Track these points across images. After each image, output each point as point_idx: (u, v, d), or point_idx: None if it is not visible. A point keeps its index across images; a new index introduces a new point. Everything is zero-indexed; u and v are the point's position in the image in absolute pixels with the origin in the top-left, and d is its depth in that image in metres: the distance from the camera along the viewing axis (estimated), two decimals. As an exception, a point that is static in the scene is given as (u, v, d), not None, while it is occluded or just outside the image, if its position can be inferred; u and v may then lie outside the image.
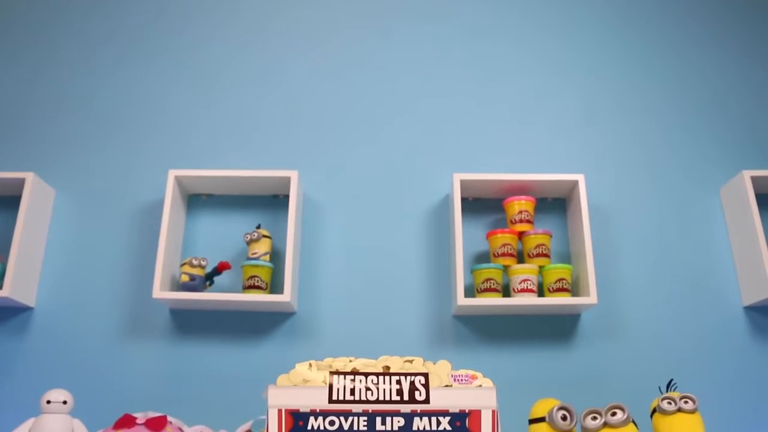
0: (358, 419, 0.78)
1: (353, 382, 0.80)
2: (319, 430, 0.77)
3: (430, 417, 0.78)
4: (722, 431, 1.83)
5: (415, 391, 0.79)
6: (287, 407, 0.78)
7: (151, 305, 1.99)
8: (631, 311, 2.02)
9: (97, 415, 1.73)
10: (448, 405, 0.79)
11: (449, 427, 0.78)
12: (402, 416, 0.78)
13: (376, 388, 0.79)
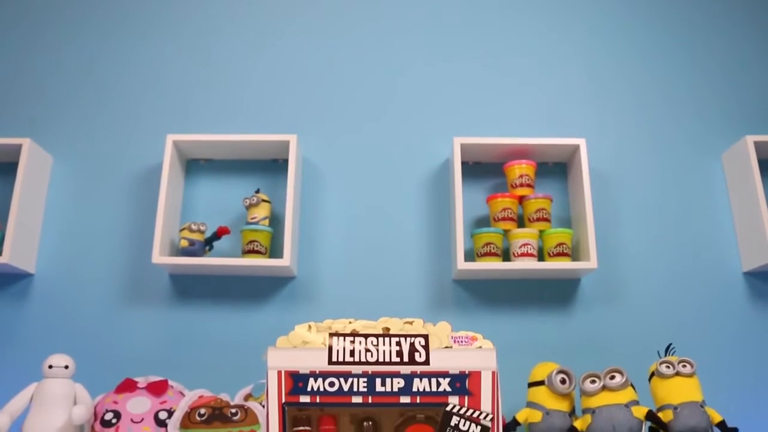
0: (357, 380, 0.78)
1: (353, 343, 0.79)
2: (319, 391, 0.77)
3: (430, 378, 0.78)
4: (720, 395, 1.84)
5: (415, 352, 0.79)
6: (287, 369, 0.78)
7: (150, 270, 1.99)
8: (631, 276, 2.02)
9: (99, 380, 1.73)
10: (448, 366, 0.78)
11: (449, 388, 0.77)
12: (402, 377, 0.78)
13: (376, 350, 0.79)
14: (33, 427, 1.60)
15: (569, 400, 1.69)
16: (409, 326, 0.81)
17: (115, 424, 1.60)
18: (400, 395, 0.78)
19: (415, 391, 0.77)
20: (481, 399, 0.78)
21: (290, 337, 0.80)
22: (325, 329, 0.81)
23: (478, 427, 0.77)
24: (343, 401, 0.78)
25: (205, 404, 1.61)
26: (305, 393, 0.77)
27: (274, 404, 0.76)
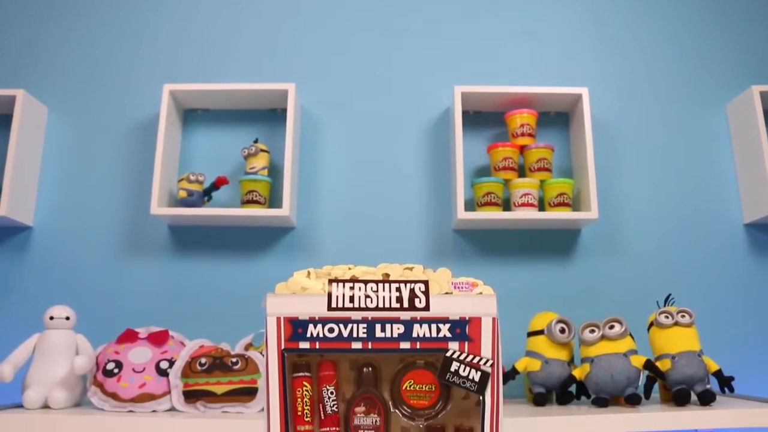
0: (357, 326, 0.77)
1: (352, 290, 0.79)
2: (318, 337, 0.77)
3: (430, 324, 0.77)
4: (718, 346, 1.85)
5: (415, 298, 0.78)
6: (286, 315, 0.77)
7: (149, 222, 1.98)
8: (632, 227, 2.01)
9: (100, 331, 1.74)
10: (448, 312, 0.78)
11: (449, 334, 0.77)
12: (402, 323, 0.77)
13: (376, 296, 0.78)
14: (36, 377, 1.61)
15: (568, 350, 1.70)
16: (409, 272, 0.81)
17: (117, 373, 1.60)
18: (399, 341, 0.77)
19: (415, 337, 0.77)
20: (481, 345, 0.78)
21: (289, 284, 0.79)
22: (324, 275, 0.80)
23: (478, 372, 0.76)
24: (343, 347, 0.77)
25: (205, 354, 1.62)
26: (304, 339, 0.77)
27: (273, 351, 0.76)
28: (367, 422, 0.80)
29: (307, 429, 0.79)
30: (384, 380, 0.83)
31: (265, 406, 0.74)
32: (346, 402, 0.82)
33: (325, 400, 0.80)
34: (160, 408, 1.58)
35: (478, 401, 0.78)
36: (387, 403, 0.82)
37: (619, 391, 1.59)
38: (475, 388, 0.78)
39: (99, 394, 1.59)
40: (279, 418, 0.77)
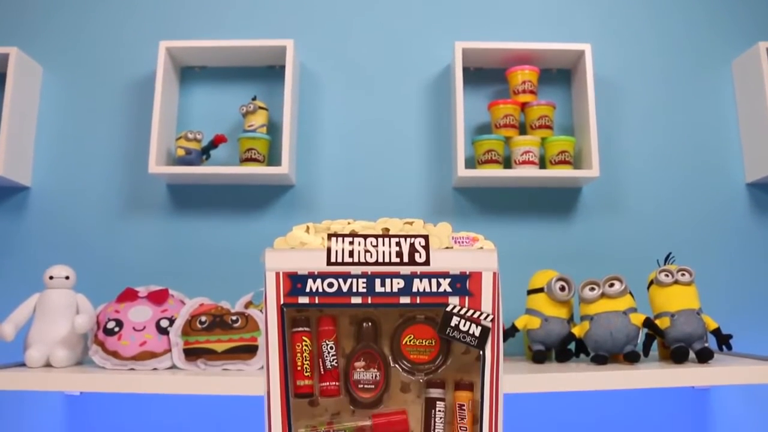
0: (357, 281, 0.76)
1: (352, 244, 0.78)
2: (318, 292, 0.76)
3: (430, 279, 0.76)
4: (717, 304, 1.85)
5: (415, 253, 0.77)
6: (285, 270, 0.77)
7: (148, 181, 1.97)
8: (633, 185, 2.00)
9: (100, 291, 1.75)
10: (448, 267, 0.77)
11: (450, 289, 0.76)
12: (402, 278, 0.77)
13: (375, 251, 0.77)
14: (38, 336, 1.62)
15: (568, 307, 1.71)
16: (409, 227, 0.80)
17: (117, 332, 1.61)
18: (399, 296, 0.77)
19: (415, 292, 0.76)
20: (481, 300, 0.77)
21: (288, 239, 0.78)
22: (323, 230, 0.79)
23: (479, 327, 0.76)
24: (342, 302, 0.77)
25: (205, 312, 1.62)
26: (304, 294, 0.76)
27: (273, 306, 0.75)
28: (366, 377, 0.80)
29: (306, 384, 0.79)
30: (384, 335, 0.83)
31: (264, 362, 0.74)
32: (345, 357, 0.81)
33: (324, 355, 0.80)
34: (161, 366, 1.59)
35: (479, 356, 0.78)
36: (387, 358, 0.82)
37: (618, 349, 1.60)
38: (475, 343, 0.78)
39: (100, 352, 1.60)
40: (278, 373, 0.77)
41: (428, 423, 0.81)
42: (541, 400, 1.87)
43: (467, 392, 0.81)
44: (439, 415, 0.81)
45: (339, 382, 0.81)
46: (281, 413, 0.77)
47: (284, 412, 0.76)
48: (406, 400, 0.82)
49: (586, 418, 1.89)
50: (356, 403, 0.81)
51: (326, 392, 0.80)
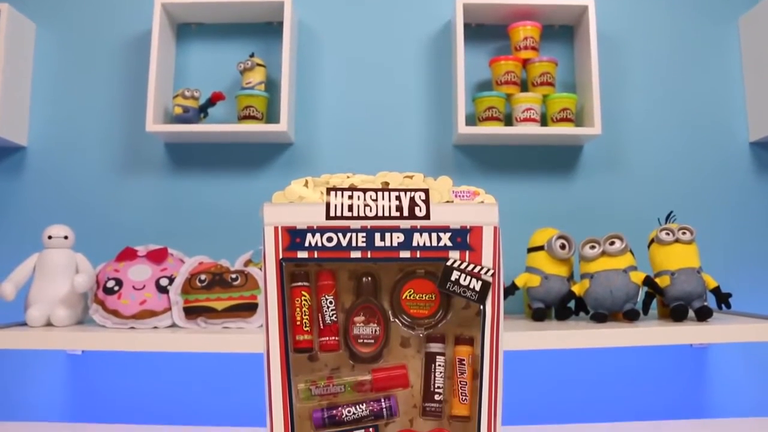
0: (356, 235, 0.76)
1: (351, 198, 0.77)
2: (317, 246, 0.75)
3: (431, 233, 0.76)
4: (718, 263, 1.85)
5: (415, 207, 0.76)
6: (284, 225, 0.76)
7: (145, 139, 1.95)
8: (635, 143, 1.98)
9: (99, 250, 1.74)
10: (448, 221, 0.76)
11: (450, 243, 0.76)
12: (401, 232, 0.76)
13: (375, 205, 0.76)
14: (38, 296, 1.62)
15: (568, 266, 1.70)
16: (408, 180, 0.79)
17: (117, 291, 1.61)
18: (399, 250, 0.76)
19: (415, 246, 0.75)
20: (482, 254, 0.77)
21: (286, 193, 0.77)
22: (322, 184, 0.78)
23: (479, 282, 0.75)
24: (342, 256, 0.76)
25: (205, 270, 1.62)
26: (303, 249, 0.75)
27: (272, 261, 0.75)
28: (366, 332, 0.80)
29: (305, 338, 0.79)
30: (383, 290, 0.82)
31: (264, 316, 0.73)
32: (345, 312, 0.81)
33: (324, 310, 0.79)
34: (161, 324, 1.59)
35: (479, 311, 0.78)
36: (386, 313, 0.81)
37: (617, 307, 1.60)
38: (475, 297, 0.77)
39: (100, 311, 1.60)
40: (278, 327, 0.76)
41: (428, 377, 0.81)
42: (540, 358, 1.88)
43: (467, 347, 0.81)
44: (439, 369, 0.81)
45: (338, 337, 0.80)
46: (281, 368, 0.77)
47: (284, 366, 0.76)
48: (406, 355, 0.82)
49: (585, 376, 1.90)
50: (356, 358, 0.81)
51: (326, 347, 0.80)
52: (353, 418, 0.78)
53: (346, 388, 0.78)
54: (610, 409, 1.88)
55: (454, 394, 0.79)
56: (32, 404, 1.89)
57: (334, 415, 0.77)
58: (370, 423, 0.78)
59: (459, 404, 0.78)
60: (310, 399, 0.78)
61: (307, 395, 0.78)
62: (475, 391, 0.78)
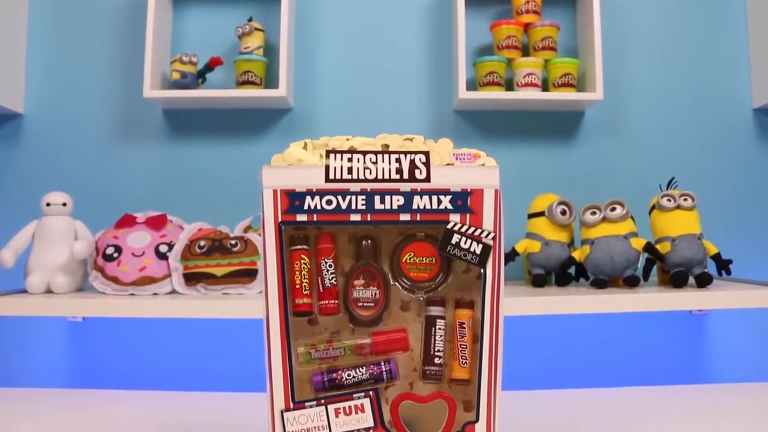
0: (356, 198, 0.75)
1: (350, 161, 0.76)
2: (316, 209, 0.75)
3: (431, 196, 0.75)
4: (719, 230, 1.85)
5: (416, 169, 0.76)
6: (282, 187, 0.75)
7: (143, 105, 1.94)
8: (637, 109, 1.97)
9: (97, 217, 1.74)
10: (449, 184, 0.75)
11: (450, 206, 0.75)
12: (401, 195, 0.75)
13: (375, 167, 0.76)
14: (38, 263, 1.62)
15: (568, 232, 1.70)
16: (409, 143, 0.78)
17: (116, 258, 1.61)
18: (399, 213, 0.75)
19: (415, 209, 0.75)
20: (483, 217, 0.76)
21: (285, 156, 0.76)
22: (321, 146, 0.77)
23: (480, 245, 0.75)
24: (341, 219, 0.75)
25: (204, 236, 1.61)
26: (302, 212, 0.74)
27: (270, 224, 0.74)
28: (366, 295, 0.79)
29: (305, 302, 0.78)
30: (383, 253, 0.81)
31: (263, 280, 0.73)
32: (344, 275, 0.80)
33: (323, 273, 0.79)
34: (161, 291, 1.59)
35: (479, 274, 0.77)
36: (386, 276, 0.81)
37: (618, 273, 1.60)
38: (476, 260, 0.77)
39: (100, 278, 1.60)
40: (277, 290, 0.76)
41: (428, 341, 0.80)
42: (540, 324, 1.88)
43: (468, 310, 0.81)
44: (440, 333, 0.80)
45: (338, 300, 0.80)
46: (280, 331, 0.76)
47: (283, 330, 0.76)
48: (405, 319, 0.82)
49: (584, 342, 1.91)
50: (355, 321, 0.81)
51: (325, 310, 0.80)
52: (353, 381, 0.78)
53: (346, 351, 0.78)
54: (610, 374, 1.89)
55: (455, 357, 0.79)
56: (33, 371, 1.90)
57: (334, 378, 0.77)
58: (370, 386, 0.78)
59: (459, 367, 0.78)
60: (309, 362, 0.78)
61: (307, 359, 0.77)
62: (475, 355, 0.77)
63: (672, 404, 1.17)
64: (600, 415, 1.11)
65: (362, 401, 0.78)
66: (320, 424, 0.77)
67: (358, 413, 0.78)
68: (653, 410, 1.13)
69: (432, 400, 0.81)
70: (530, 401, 1.20)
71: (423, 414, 0.81)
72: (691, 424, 1.06)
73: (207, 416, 1.14)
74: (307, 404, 0.78)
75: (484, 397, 0.77)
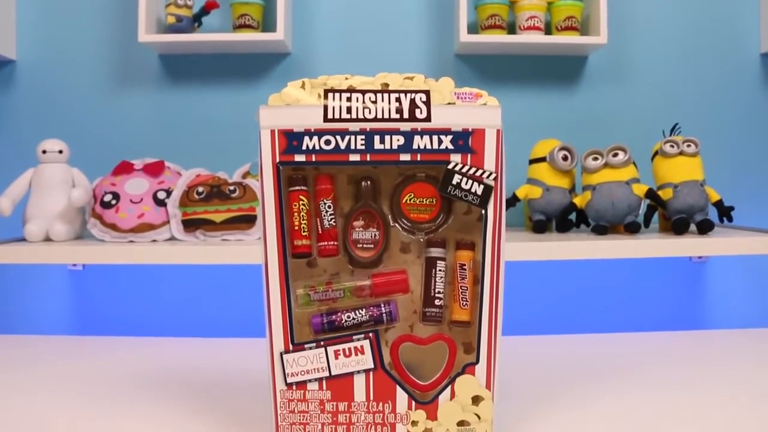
0: (355, 138, 0.74)
1: (349, 101, 0.74)
2: (315, 149, 0.73)
3: (431, 135, 0.73)
4: (721, 177, 1.83)
5: (416, 109, 0.74)
6: (280, 128, 0.73)
7: (138, 50, 1.90)
8: (642, 53, 1.94)
9: (94, 165, 1.72)
10: (450, 123, 0.74)
11: (451, 146, 0.74)
12: (401, 135, 0.74)
13: (374, 107, 0.74)
14: (36, 211, 1.61)
15: (570, 177, 1.69)
16: (409, 82, 0.76)
17: (114, 205, 1.60)
18: (399, 153, 0.74)
19: (416, 149, 0.73)
20: (484, 157, 0.75)
21: (283, 95, 0.74)
22: (319, 86, 0.75)
23: (481, 185, 0.74)
24: (340, 159, 0.74)
25: (203, 182, 1.60)
26: (300, 152, 0.73)
27: (268, 165, 0.73)
28: (365, 236, 0.79)
29: (304, 243, 0.78)
30: (383, 194, 0.80)
31: (261, 221, 0.72)
32: (344, 217, 0.79)
33: (322, 214, 0.78)
34: (160, 238, 1.59)
35: (480, 216, 0.76)
36: (386, 217, 0.80)
37: (619, 219, 1.60)
38: (477, 201, 0.75)
39: (98, 225, 1.59)
40: (275, 232, 0.75)
41: (428, 282, 0.80)
42: (541, 270, 1.88)
43: (468, 252, 0.80)
44: (440, 274, 0.80)
45: (337, 242, 0.79)
46: (279, 273, 0.76)
47: (282, 271, 0.75)
48: (406, 260, 0.81)
49: (584, 288, 1.91)
50: (355, 263, 0.80)
51: (324, 252, 0.79)
52: (353, 323, 0.78)
53: (346, 293, 0.77)
54: (609, 320, 1.90)
55: (455, 299, 0.78)
56: (34, 319, 1.91)
57: (334, 320, 0.77)
58: (369, 328, 0.78)
59: (459, 309, 0.78)
60: (309, 304, 0.77)
61: (306, 300, 0.77)
62: (475, 297, 0.77)
63: (670, 350, 1.18)
64: (599, 360, 1.11)
65: (362, 343, 0.78)
66: (320, 366, 0.77)
67: (358, 355, 0.78)
68: (652, 356, 1.14)
69: (432, 342, 0.81)
70: (529, 346, 1.21)
71: (423, 356, 0.81)
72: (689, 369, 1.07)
73: (207, 361, 1.15)
74: (307, 346, 0.78)
75: (485, 339, 0.77)
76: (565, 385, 1.01)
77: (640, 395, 0.96)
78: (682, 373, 1.05)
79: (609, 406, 0.92)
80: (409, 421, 0.78)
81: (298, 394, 0.78)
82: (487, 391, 0.78)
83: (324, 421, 0.78)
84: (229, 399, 0.97)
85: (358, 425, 0.78)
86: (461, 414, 0.78)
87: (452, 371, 0.80)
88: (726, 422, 0.83)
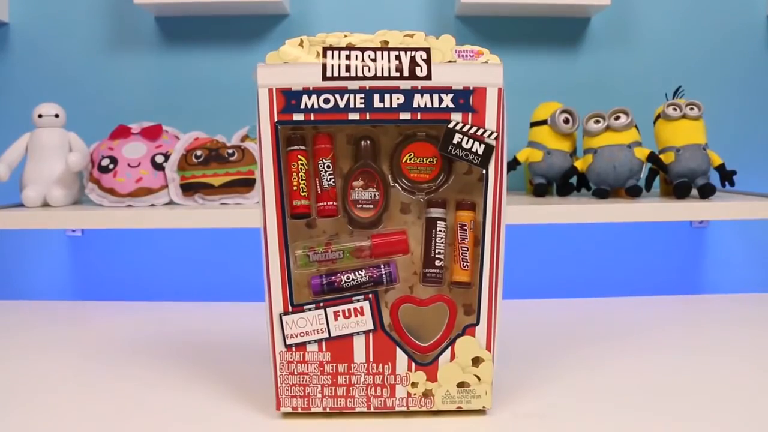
0: (354, 96, 0.72)
1: (348, 59, 0.73)
2: (313, 108, 0.72)
3: (432, 94, 0.72)
4: (724, 141, 1.82)
5: (416, 67, 0.73)
6: (278, 86, 0.72)
7: (134, 13, 1.88)
8: (645, 15, 1.91)
9: (91, 129, 1.71)
10: (451, 82, 0.72)
11: (452, 105, 0.72)
12: (401, 93, 0.72)
13: (374, 65, 0.73)
14: (33, 176, 1.60)
15: (571, 141, 1.68)
16: (409, 39, 0.74)
17: (112, 169, 1.59)
18: (399, 111, 0.73)
19: (416, 108, 0.72)
20: (485, 117, 0.73)
21: (280, 53, 0.73)
22: (318, 44, 0.74)
23: (482, 145, 0.73)
24: (339, 118, 0.73)
25: (201, 146, 1.59)
26: (298, 111, 0.72)
27: (266, 124, 0.72)
28: (365, 196, 0.78)
29: (303, 204, 0.77)
30: (383, 154, 0.79)
31: (259, 181, 0.71)
32: (343, 177, 0.78)
33: (321, 174, 0.77)
34: (158, 202, 1.58)
35: (481, 176, 0.75)
36: (386, 177, 0.79)
37: (620, 183, 1.59)
38: (478, 161, 0.74)
39: (97, 190, 1.59)
40: (274, 192, 0.74)
41: (429, 243, 0.79)
42: (541, 233, 1.88)
43: (469, 212, 0.79)
44: (440, 235, 0.79)
45: (336, 202, 0.78)
46: (278, 234, 0.75)
47: (281, 232, 0.75)
48: (406, 221, 0.80)
49: (585, 252, 1.91)
50: (354, 224, 0.79)
51: (323, 212, 0.78)
52: (352, 284, 0.77)
53: (345, 254, 0.77)
54: (610, 284, 1.91)
55: (455, 260, 0.78)
56: (33, 284, 1.91)
57: (333, 281, 0.76)
58: (369, 289, 0.77)
59: (460, 270, 0.77)
60: (308, 265, 0.77)
61: (305, 261, 0.76)
62: (476, 258, 0.76)
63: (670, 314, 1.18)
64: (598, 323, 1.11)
65: (362, 304, 0.77)
66: (319, 327, 0.77)
67: (358, 316, 0.77)
68: (651, 319, 1.13)
69: (432, 303, 0.80)
70: (529, 309, 1.20)
71: (423, 317, 0.80)
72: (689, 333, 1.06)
73: (207, 325, 1.14)
74: (306, 308, 0.77)
75: (485, 300, 0.77)
76: (564, 348, 1.01)
77: (639, 358, 0.96)
78: (682, 337, 1.05)
79: (608, 368, 0.92)
80: (409, 383, 0.78)
81: (297, 355, 0.78)
82: (488, 352, 0.78)
83: (324, 382, 0.78)
84: (230, 362, 0.96)
85: (358, 386, 0.78)
86: (461, 375, 0.78)
87: (452, 333, 0.79)
88: (725, 386, 0.83)
